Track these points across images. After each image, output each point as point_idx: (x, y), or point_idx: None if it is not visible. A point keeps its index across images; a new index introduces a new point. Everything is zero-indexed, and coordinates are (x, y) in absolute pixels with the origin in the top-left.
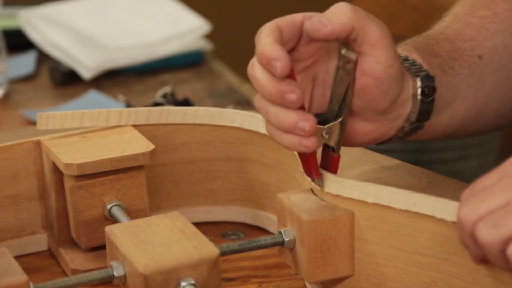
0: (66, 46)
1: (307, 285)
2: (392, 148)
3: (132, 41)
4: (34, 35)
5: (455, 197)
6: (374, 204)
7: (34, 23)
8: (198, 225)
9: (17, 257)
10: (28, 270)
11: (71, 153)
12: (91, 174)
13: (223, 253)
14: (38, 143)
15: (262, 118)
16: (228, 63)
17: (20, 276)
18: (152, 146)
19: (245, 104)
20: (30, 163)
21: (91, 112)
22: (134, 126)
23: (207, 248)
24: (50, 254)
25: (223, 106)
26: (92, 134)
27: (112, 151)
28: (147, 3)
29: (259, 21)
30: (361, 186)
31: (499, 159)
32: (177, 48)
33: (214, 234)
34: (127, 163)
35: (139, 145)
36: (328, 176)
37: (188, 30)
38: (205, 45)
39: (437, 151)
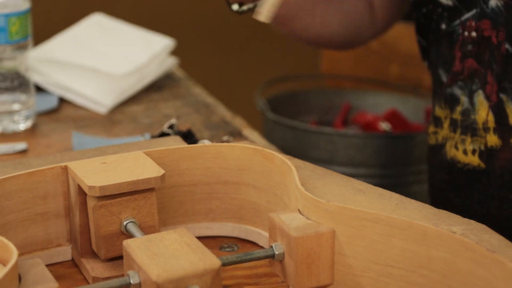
0: (75, 85)
1: None
2: (368, 174)
3: (128, 67)
4: (36, 78)
5: (421, 217)
6: (355, 217)
7: (35, 65)
8: (198, 238)
9: None
10: (54, 278)
11: (94, 177)
12: (110, 195)
13: (223, 264)
14: (65, 168)
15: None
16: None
17: (52, 283)
18: (162, 171)
19: (237, 135)
20: (58, 185)
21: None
22: (146, 153)
23: (211, 260)
24: (73, 263)
25: (218, 137)
26: (111, 160)
27: (129, 176)
28: (117, 32)
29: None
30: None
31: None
32: (157, 68)
33: (212, 246)
34: (142, 186)
35: (152, 170)
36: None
37: (162, 49)
38: (173, 61)
39: (397, 176)
